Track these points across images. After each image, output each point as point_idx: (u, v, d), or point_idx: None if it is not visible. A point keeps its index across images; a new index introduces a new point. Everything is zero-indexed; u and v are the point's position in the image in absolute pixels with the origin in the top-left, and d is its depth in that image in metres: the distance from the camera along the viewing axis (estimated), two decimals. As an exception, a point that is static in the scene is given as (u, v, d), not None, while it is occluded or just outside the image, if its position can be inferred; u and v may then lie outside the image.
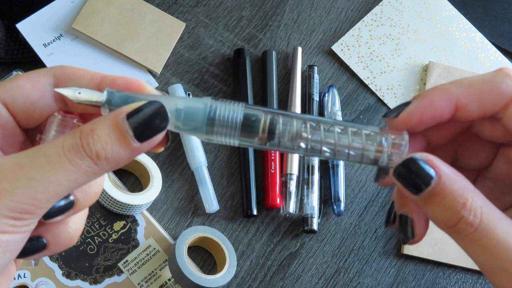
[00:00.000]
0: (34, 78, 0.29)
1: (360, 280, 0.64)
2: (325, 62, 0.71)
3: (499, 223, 0.27)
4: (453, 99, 0.29)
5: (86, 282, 0.59)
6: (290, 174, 0.65)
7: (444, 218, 0.27)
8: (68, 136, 0.26)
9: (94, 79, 0.29)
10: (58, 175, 0.25)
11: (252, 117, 0.29)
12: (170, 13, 0.70)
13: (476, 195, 0.27)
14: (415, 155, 0.28)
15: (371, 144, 0.29)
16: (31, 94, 0.28)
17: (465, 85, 0.29)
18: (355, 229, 0.66)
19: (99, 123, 0.26)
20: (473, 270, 0.66)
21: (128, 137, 0.26)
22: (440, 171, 0.27)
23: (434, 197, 0.27)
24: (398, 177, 0.28)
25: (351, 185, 0.67)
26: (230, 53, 0.70)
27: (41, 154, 0.25)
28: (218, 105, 0.29)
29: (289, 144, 0.29)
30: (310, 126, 0.29)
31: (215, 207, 0.63)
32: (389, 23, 0.74)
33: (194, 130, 0.29)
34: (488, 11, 0.77)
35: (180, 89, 0.66)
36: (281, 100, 0.69)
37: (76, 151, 0.25)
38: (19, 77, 0.29)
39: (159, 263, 0.61)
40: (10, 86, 0.28)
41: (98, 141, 0.26)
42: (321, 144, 0.29)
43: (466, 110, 0.29)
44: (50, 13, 0.67)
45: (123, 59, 0.67)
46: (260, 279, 0.63)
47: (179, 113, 0.28)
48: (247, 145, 0.29)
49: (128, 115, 0.26)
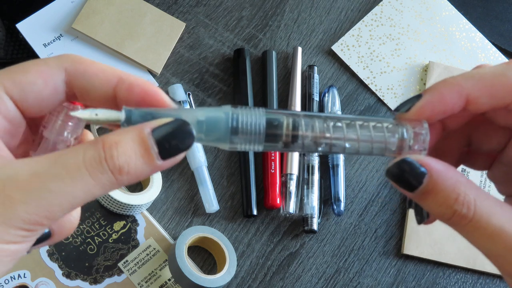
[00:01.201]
0: (46, 73, 0.27)
1: (360, 280, 0.64)
2: (325, 62, 0.71)
3: (493, 213, 0.28)
4: (464, 93, 0.29)
5: (86, 282, 0.59)
6: (290, 174, 0.65)
7: (439, 213, 0.28)
8: (90, 146, 0.25)
9: (110, 81, 0.28)
10: (76, 188, 0.24)
11: (275, 122, 0.29)
12: (170, 13, 0.70)
13: (469, 188, 0.28)
14: (406, 157, 0.29)
15: (392, 136, 0.30)
16: (43, 90, 0.27)
17: (476, 78, 0.29)
18: (355, 229, 0.66)
19: (124, 135, 0.25)
20: (473, 270, 0.66)
21: (153, 154, 0.25)
22: (431, 170, 0.28)
23: (428, 194, 0.28)
24: (392, 178, 0.29)
25: (351, 185, 0.67)
26: (230, 53, 0.70)
27: (60, 164, 0.24)
28: (239, 113, 0.28)
29: (312, 144, 0.29)
30: (331, 124, 0.29)
31: (215, 207, 0.63)
32: (389, 23, 0.74)
33: (217, 140, 0.28)
34: (488, 11, 0.77)
35: (180, 89, 0.66)
36: (281, 100, 0.69)
37: (98, 164, 0.24)
38: (29, 69, 0.27)
39: (159, 263, 0.61)
40: (20, 81, 0.27)
41: (122, 154, 0.25)
42: (344, 140, 0.29)
43: (477, 103, 0.29)
44: (50, 13, 0.67)
45: (123, 59, 0.67)
46: (260, 279, 0.63)
47: (201, 125, 0.28)
48: (271, 149, 0.29)
49: (153, 131, 0.25)
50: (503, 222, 0.27)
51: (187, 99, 0.66)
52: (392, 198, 0.67)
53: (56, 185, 0.24)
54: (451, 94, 0.29)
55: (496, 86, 0.29)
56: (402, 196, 0.67)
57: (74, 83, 0.28)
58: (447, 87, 0.29)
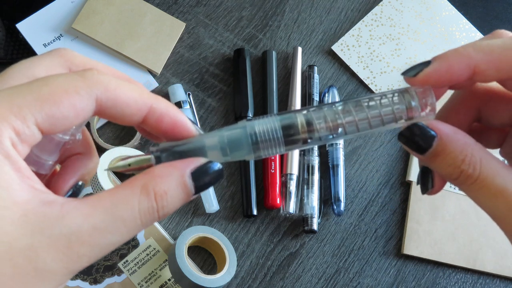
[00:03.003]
0: (79, 106, 0.26)
1: (360, 280, 0.64)
2: (325, 62, 0.71)
3: (498, 173, 0.29)
4: (472, 64, 0.30)
5: (86, 282, 0.59)
6: (290, 174, 0.65)
7: (448, 173, 0.30)
8: (143, 198, 0.26)
9: (141, 111, 0.28)
10: (130, 236, 0.26)
11: (289, 122, 0.30)
12: (170, 13, 0.70)
13: (476, 149, 0.30)
14: (417, 122, 0.30)
15: (401, 106, 0.31)
16: (73, 122, 0.26)
17: (485, 50, 0.30)
18: (355, 229, 0.66)
19: (170, 183, 0.27)
20: (473, 270, 0.66)
21: (191, 195, 0.28)
22: (440, 133, 0.30)
23: (437, 156, 0.30)
24: (404, 141, 0.31)
25: (351, 185, 0.67)
26: (230, 53, 0.70)
27: (118, 218, 0.26)
28: (255, 125, 0.30)
29: (328, 134, 0.31)
30: (340, 110, 0.31)
31: (215, 207, 0.63)
32: (389, 23, 0.74)
33: (242, 157, 0.31)
34: (488, 11, 0.77)
35: (180, 89, 0.66)
36: (281, 100, 0.69)
37: (151, 215, 0.26)
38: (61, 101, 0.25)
39: (159, 263, 0.61)
40: (52, 114, 0.25)
41: (171, 203, 0.27)
42: (356, 123, 0.31)
43: (484, 75, 0.30)
44: (50, 13, 0.67)
45: (123, 59, 0.67)
46: (260, 279, 0.63)
47: (225, 150, 0.30)
48: (294, 149, 0.31)
49: (192, 173, 0.28)
50: (507, 182, 0.29)
51: (187, 99, 0.66)
52: (392, 198, 0.67)
53: (115, 238, 0.26)
54: (460, 64, 0.30)
55: (504, 61, 0.30)
56: (402, 196, 0.67)
57: (104, 112, 0.27)
58: (456, 57, 0.30)
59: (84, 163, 0.32)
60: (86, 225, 0.25)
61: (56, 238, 0.24)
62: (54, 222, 0.25)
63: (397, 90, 0.31)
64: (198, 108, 0.67)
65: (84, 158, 0.32)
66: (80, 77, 0.26)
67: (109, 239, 0.25)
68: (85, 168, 0.32)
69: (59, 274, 0.25)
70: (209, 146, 0.30)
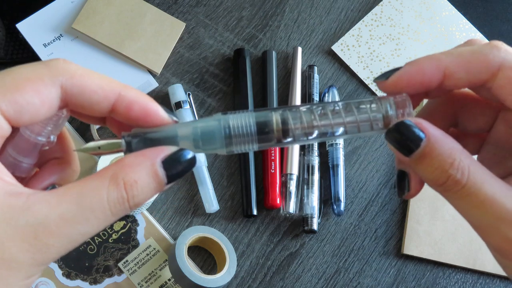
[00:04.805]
0: (43, 92, 0.26)
1: (360, 280, 0.64)
2: (325, 62, 0.71)
3: (486, 181, 0.28)
4: (442, 66, 0.30)
5: (86, 282, 0.59)
6: (290, 174, 0.65)
7: (434, 177, 0.29)
8: (112, 187, 0.26)
9: (108, 98, 0.28)
10: (100, 227, 0.26)
11: (264, 120, 0.30)
12: (170, 13, 0.70)
13: (464, 155, 0.29)
14: (405, 120, 0.29)
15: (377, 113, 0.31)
16: (40, 110, 0.27)
17: (454, 54, 0.30)
18: (355, 229, 0.66)
19: (140, 172, 0.27)
20: (473, 270, 0.66)
21: (163, 184, 0.27)
22: (429, 133, 0.29)
23: (424, 158, 0.29)
24: (391, 141, 0.30)
25: (351, 185, 0.67)
26: (230, 53, 0.70)
27: (87, 208, 0.25)
28: (230, 119, 0.30)
29: (303, 135, 0.30)
30: (317, 113, 0.30)
31: (215, 207, 0.63)
32: (389, 23, 0.74)
33: (214, 150, 0.30)
34: (488, 11, 0.77)
35: (180, 89, 0.66)
36: (281, 100, 0.69)
37: (121, 204, 0.26)
38: (24, 87, 0.26)
39: (159, 263, 0.61)
40: (16, 101, 0.26)
41: (141, 193, 0.27)
42: (332, 127, 0.30)
43: (454, 78, 0.30)
44: (50, 13, 0.67)
45: (123, 59, 0.67)
46: (260, 279, 0.63)
47: (197, 141, 0.29)
48: (266, 147, 0.30)
49: (163, 162, 0.27)
50: (495, 191, 0.28)
51: (187, 99, 0.66)
52: (392, 198, 0.67)
53: (84, 228, 0.25)
54: (430, 66, 0.30)
55: (472, 63, 0.30)
56: (402, 196, 0.67)
57: (70, 100, 0.28)
58: (426, 60, 0.31)
59: (61, 168, 0.32)
60: (53, 215, 0.25)
61: (22, 228, 0.24)
62: (20, 213, 0.25)
63: (376, 97, 0.31)
64: (198, 108, 0.67)
65: (62, 162, 0.32)
66: (44, 66, 0.27)
67: (78, 229, 0.25)
68: (62, 173, 0.32)
69: (26, 264, 0.24)
70: (181, 136, 0.29)
